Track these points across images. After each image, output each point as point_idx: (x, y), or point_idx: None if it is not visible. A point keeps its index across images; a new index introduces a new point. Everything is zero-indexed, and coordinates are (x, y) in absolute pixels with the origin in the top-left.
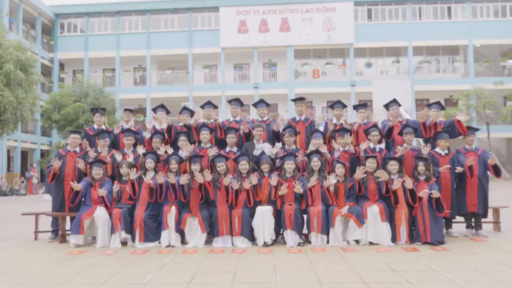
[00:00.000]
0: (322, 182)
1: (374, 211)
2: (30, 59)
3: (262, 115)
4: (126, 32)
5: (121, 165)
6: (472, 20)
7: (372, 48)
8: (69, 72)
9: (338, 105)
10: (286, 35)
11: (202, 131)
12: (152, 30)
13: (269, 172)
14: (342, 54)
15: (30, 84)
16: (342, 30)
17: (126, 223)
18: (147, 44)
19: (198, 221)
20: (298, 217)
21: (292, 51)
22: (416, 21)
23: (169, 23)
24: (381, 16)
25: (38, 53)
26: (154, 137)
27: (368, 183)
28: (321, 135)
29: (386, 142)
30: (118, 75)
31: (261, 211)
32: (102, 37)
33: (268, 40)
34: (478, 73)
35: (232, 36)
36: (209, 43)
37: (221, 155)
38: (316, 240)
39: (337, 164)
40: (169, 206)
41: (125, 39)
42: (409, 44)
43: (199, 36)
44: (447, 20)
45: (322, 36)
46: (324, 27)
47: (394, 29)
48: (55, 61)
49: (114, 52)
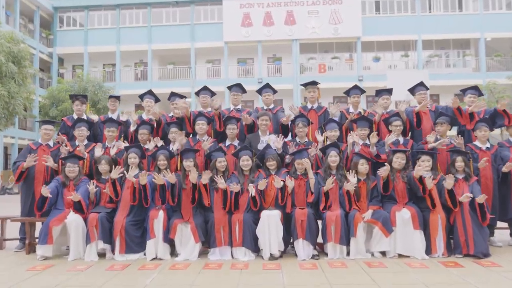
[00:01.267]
0: (341, 181)
1: (405, 216)
2: (23, 51)
3: (268, 101)
4: (127, 26)
5: (100, 161)
6: (484, 12)
7: (380, 41)
8: (68, 67)
9: (355, 91)
10: (291, 28)
11: (198, 121)
12: (153, 24)
13: (276, 170)
14: (349, 48)
15: (23, 77)
16: (349, 23)
17: (105, 230)
18: (148, 38)
19: (190, 229)
20: (312, 223)
21: (297, 45)
22: (425, 14)
23: (171, 17)
24: (389, 9)
25: (37, 47)
26: (140, 128)
27: (395, 183)
28: (337, 126)
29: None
30: (118, 70)
31: (267, 217)
32: (102, 31)
33: (273, 34)
34: (489, 67)
35: (236, 30)
36: (212, 37)
37: (220, 148)
38: (334, 252)
39: (361, 159)
40: (156, 211)
41: (125, 33)
42: (418, 37)
43: (202, 29)
44: (457, 13)
45: (328, 30)
46: (331, 20)
47: (402, 22)
48: (54, 56)
49: (115, 46)
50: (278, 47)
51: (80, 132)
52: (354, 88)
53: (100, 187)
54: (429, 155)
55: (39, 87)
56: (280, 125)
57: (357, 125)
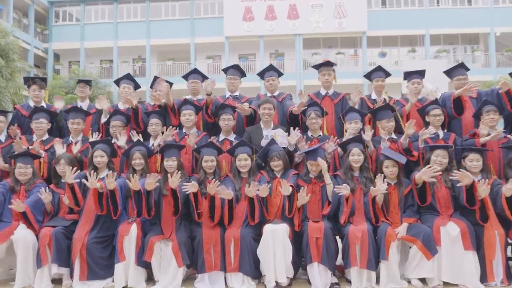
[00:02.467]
0: (366, 186)
1: (452, 233)
2: (12, 43)
3: (273, 88)
4: (125, 20)
5: (59, 161)
6: (494, 6)
7: (386, 36)
8: (64, 63)
9: (378, 73)
10: (294, 23)
11: (184, 110)
12: (152, 19)
13: (282, 172)
14: (354, 44)
15: (12, 72)
16: (354, 18)
17: (61, 250)
18: (146, 33)
19: (172, 248)
20: (330, 242)
21: (300, 40)
22: (433, 8)
23: (170, 11)
24: (396, 2)
25: (31, 43)
26: (113, 119)
27: (436, 188)
28: (360, 117)
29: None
30: (116, 66)
31: (271, 233)
32: (99, 26)
33: (275, 28)
34: (500, 63)
35: (237, 24)
36: (212, 32)
37: (211, 144)
38: (360, 280)
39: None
40: (127, 225)
41: (123, 28)
42: (426, 32)
43: (202, 24)
44: (466, 7)
45: (333, 24)
46: (335, 14)
47: (410, 16)
48: (49, 52)
49: (112, 42)
50: (281, 42)
51: (38, 125)
52: (377, 69)
53: (60, 193)
54: (479, 152)
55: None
56: (288, 115)
57: (378, 116)
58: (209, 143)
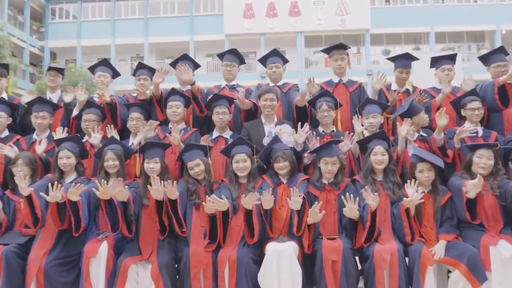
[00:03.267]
0: (394, 194)
1: (505, 254)
2: (2, 38)
3: (276, 76)
4: (122, 18)
5: (15, 162)
6: (500, 3)
7: (389, 34)
8: (61, 61)
9: (404, 63)
10: (295, 20)
11: (171, 101)
12: (150, 16)
13: (289, 176)
14: (357, 42)
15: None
16: (357, 15)
17: (13, 274)
18: (145, 31)
19: (151, 273)
20: (350, 265)
21: (302, 38)
22: (438, 5)
23: (169, 8)
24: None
25: (27, 40)
26: (85, 113)
27: (481, 197)
28: (380, 109)
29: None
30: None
31: (275, 253)
32: (96, 24)
33: (276, 26)
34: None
35: (237, 22)
36: (212, 30)
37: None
38: None
39: (419, 163)
40: (94, 244)
41: (121, 26)
42: (430, 29)
43: (201, 22)
44: (472, 3)
45: (335, 21)
46: (338, 11)
47: (414, 14)
48: (45, 50)
49: (109, 40)
50: (282, 40)
51: None
52: (402, 57)
53: (15, 203)
54: None
55: (29, 82)
56: (294, 108)
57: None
58: (187, 146)
